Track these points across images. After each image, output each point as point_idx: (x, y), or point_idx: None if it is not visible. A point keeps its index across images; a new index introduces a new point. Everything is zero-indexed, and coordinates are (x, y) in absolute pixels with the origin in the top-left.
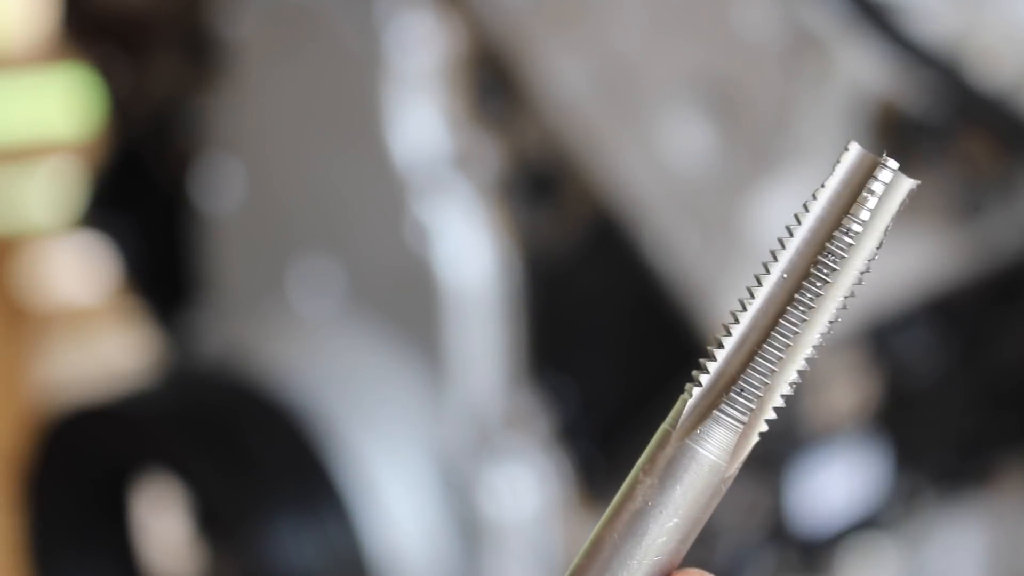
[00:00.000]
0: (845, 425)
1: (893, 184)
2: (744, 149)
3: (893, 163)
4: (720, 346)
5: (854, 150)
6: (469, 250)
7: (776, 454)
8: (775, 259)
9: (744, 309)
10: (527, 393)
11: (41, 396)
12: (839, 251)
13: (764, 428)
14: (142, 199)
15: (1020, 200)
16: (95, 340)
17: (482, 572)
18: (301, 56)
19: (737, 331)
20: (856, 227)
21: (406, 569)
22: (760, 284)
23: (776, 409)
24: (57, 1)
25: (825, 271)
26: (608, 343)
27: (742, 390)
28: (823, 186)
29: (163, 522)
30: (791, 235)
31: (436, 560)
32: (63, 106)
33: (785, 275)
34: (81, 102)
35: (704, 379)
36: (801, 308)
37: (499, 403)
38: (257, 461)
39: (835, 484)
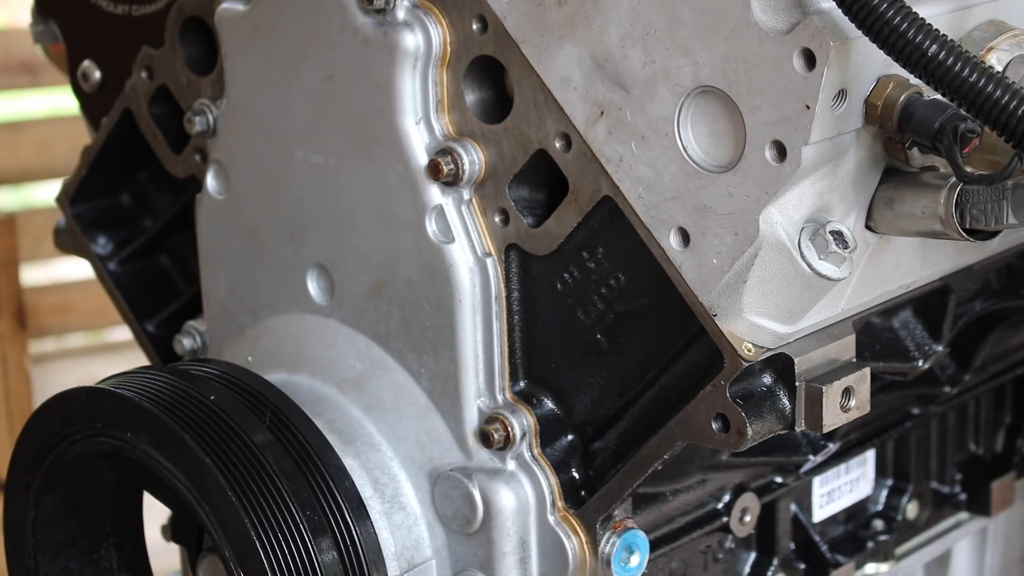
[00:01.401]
0: (843, 429)
1: None
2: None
3: None
4: None
5: None
6: (466, 250)
7: (776, 456)
8: None
9: None
10: (513, 401)
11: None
12: None
13: None
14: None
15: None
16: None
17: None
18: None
19: None
20: None
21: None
22: None
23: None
24: None
25: None
26: (596, 353)
27: None
28: None
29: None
30: None
31: (423, 562)
32: None
33: None
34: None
35: None
36: None
37: (486, 410)
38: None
39: (835, 487)
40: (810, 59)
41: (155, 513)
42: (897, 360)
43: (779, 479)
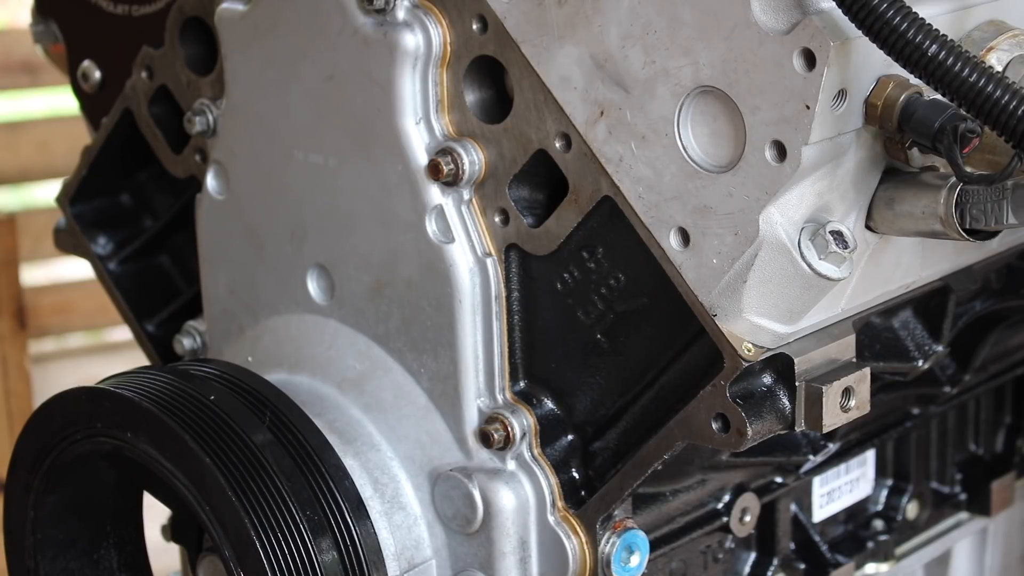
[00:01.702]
0: (843, 429)
1: None
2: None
3: None
4: None
5: None
6: (466, 250)
7: (777, 456)
8: None
9: None
10: (513, 401)
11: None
12: None
13: None
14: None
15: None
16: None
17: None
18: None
19: None
20: None
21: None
22: None
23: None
24: None
25: None
26: (595, 354)
27: None
28: None
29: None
30: None
31: (423, 562)
32: None
33: None
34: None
35: None
36: None
37: (486, 410)
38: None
39: (835, 487)
40: (810, 59)
41: (155, 513)
42: (897, 360)
43: (779, 479)
